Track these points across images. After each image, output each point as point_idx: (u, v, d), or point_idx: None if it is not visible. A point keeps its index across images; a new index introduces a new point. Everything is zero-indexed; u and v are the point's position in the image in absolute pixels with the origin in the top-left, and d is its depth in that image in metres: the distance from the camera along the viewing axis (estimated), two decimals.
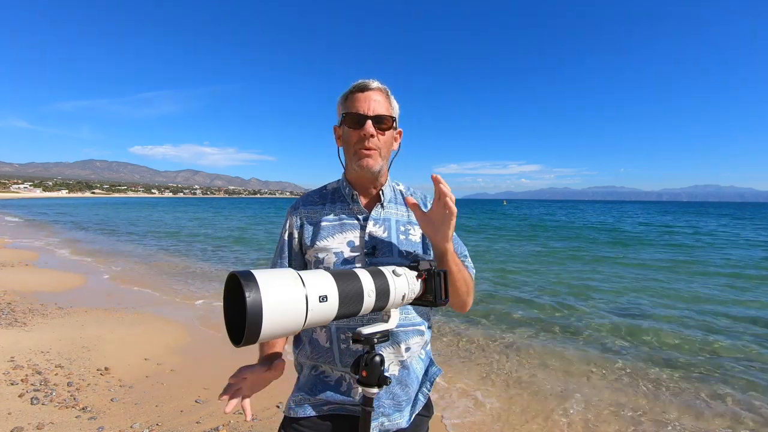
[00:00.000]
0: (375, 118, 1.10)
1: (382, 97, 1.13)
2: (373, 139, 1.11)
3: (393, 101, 1.17)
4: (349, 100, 1.14)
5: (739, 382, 3.90)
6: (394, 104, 1.17)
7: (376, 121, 1.11)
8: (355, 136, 1.12)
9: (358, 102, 1.11)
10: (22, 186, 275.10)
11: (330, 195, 1.24)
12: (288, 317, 0.69)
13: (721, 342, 4.96)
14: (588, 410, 3.33)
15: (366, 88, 1.13)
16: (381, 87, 1.14)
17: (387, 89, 1.16)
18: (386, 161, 1.18)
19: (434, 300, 0.96)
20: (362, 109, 1.10)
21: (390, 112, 1.15)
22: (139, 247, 13.76)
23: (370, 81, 1.14)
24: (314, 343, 1.15)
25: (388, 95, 1.16)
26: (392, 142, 1.19)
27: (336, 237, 1.14)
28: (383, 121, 1.12)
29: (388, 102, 1.15)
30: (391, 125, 1.15)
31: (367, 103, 1.11)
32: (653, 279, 9.20)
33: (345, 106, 1.14)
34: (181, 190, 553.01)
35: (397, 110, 1.18)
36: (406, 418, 1.14)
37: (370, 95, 1.12)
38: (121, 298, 6.41)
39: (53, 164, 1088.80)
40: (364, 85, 1.13)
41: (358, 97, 1.12)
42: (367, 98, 1.11)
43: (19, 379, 3.28)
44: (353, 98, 1.13)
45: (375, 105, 1.11)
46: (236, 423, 2.89)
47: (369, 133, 1.10)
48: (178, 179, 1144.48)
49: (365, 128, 1.09)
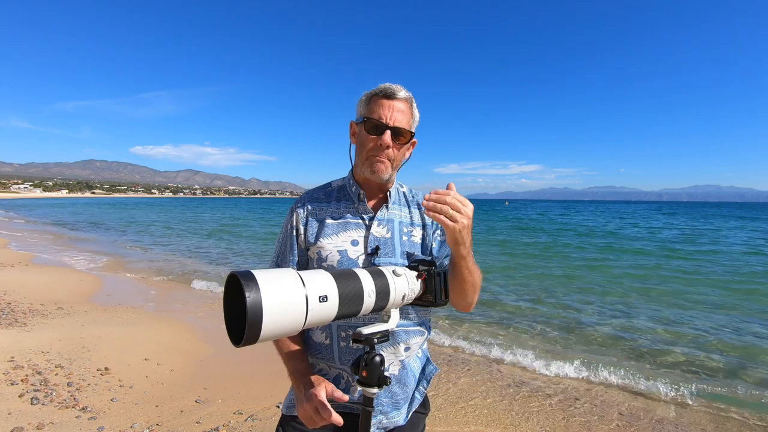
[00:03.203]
0: (395, 129, 1.09)
1: (406, 107, 1.11)
2: (389, 150, 1.10)
3: (415, 112, 1.15)
4: (373, 103, 1.11)
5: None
6: (415, 115, 1.15)
7: (395, 133, 1.09)
8: (372, 142, 1.10)
9: (382, 108, 1.09)
10: (22, 186, 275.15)
11: (335, 193, 1.23)
12: (288, 317, 0.69)
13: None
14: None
15: (393, 95, 1.09)
16: (407, 96, 1.12)
17: (412, 99, 1.14)
18: (396, 171, 1.18)
19: (434, 300, 0.96)
20: (384, 118, 1.08)
21: (410, 126, 1.13)
22: (139, 246, 13.79)
23: (397, 88, 1.10)
24: (313, 341, 1.16)
25: (411, 106, 1.14)
26: (406, 153, 1.18)
27: (340, 235, 1.14)
28: (402, 134, 1.10)
29: (410, 113, 1.13)
30: (409, 140, 1.13)
31: (391, 112, 1.08)
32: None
33: (368, 108, 1.12)
34: (181, 190, 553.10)
35: (417, 120, 1.17)
36: (404, 415, 1.16)
37: (395, 105, 1.09)
38: (121, 298, 6.42)
39: (53, 164, 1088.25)
40: (391, 92, 1.09)
41: (382, 103, 1.09)
42: (392, 107, 1.09)
43: (19, 379, 3.28)
44: (378, 103, 1.10)
45: (398, 116, 1.09)
46: (236, 423, 2.89)
47: (386, 144, 1.08)
48: (178, 179, 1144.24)
49: (383, 138, 1.08)
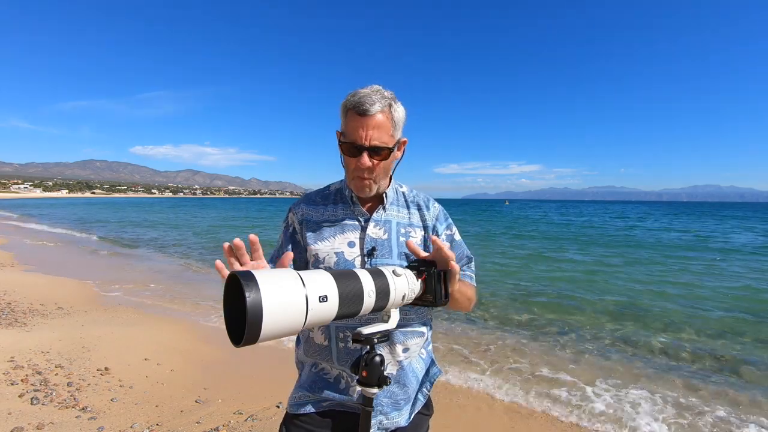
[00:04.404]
0: (372, 149, 1.05)
1: (383, 118, 1.05)
2: (368, 169, 1.08)
3: (396, 114, 1.08)
4: (348, 119, 1.06)
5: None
6: (397, 118, 1.09)
7: (373, 152, 1.06)
8: (352, 163, 1.09)
9: (356, 130, 1.04)
10: (22, 186, 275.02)
11: (333, 196, 1.23)
12: (288, 317, 0.69)
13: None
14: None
15: (365, 112, 1.02)
16: (382, 107, 1.04)
17: (390, 103, 1.07)
18: (385, 179, 1.16)
19: (434, 300, 0.96)
20: (359, 139, 1.04)
21: (391, 137, 1.07)
22: (140, 246, 13.80)
23: (370, 101, 1.02)
24: (312, 341, 1.16)
25: (390, 111, 1.06)
26: (391, 163, 1.14)
27: (336, 237, 1.15)
28: (380, 152, 1.06)
29: (389, 123, 1.06)
30: (389, 155, 1.09)
31: (365, 131, 1.03)
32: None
33: (344, 123, 1.08)
34: (181, 190, 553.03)
35: (401, 121, 1.11)
36: (405, 417, 1.15)
37: (370, 122, 1.03)
38: (121, 298, 6.41)
39: (53, 164, 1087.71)
40: (364, 109, 1.02)
41: (357, 122, 1.04)
42: (366, 126, 1.03)
43: (19, 379, 3.28)
44: (352, 121, 1.05)
45: (373, 133, 1.04)
46: (236, 423, 2.89)
47: (365, 165, 1.06)
48: (178, 179, 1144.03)
49: (361, 160, 1.06)
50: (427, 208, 1.25)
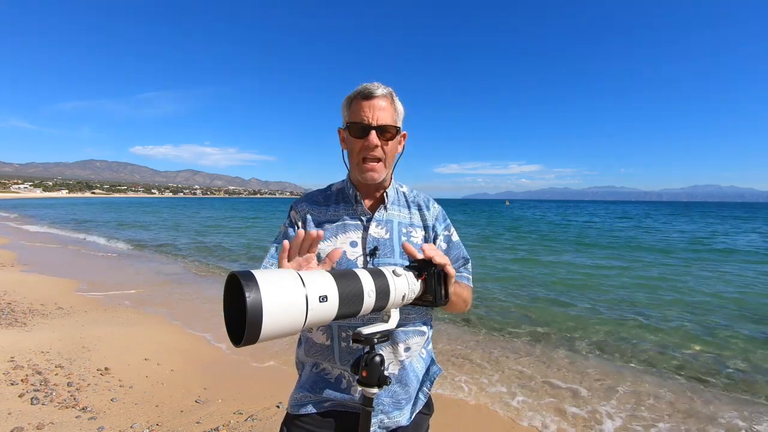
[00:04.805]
0: (379, 128, 1.09)
1: (387, 103, 1.11)
2: (377, 149, 1.11)
3: (398, 105, 1.15)
4: (353, 107, 1.12)
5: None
6: (399, 108, 1.16)
7: (381, 131, 1.10)
8: (359, 145, 1.11)
9: (362, 111, 1.10)
10: (22, 186, 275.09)
11: (334, 196, 1.24)
12: (288, 317, 0.69)
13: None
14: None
15: (371, 95, 1.09)
16: (386, 93, 1.11)
17: (392, 93, 1.14)
18: (390, 168, 1.18)
19: (434, 300, 0.96)
20: (366, 119, 1.09)
21: (394, 121, 1.13)
22: (141, 246, 13.81)
23: (374, 86, 1.10)
24: (314, 342, 1.16)
25: (392, 100, 1.14)
26: (396, 147, 1.18)
27: (338, 237, 1.15)
28: (387, 130, 1.11)
29: (392, 108, 1.13)
30: (395, 134, 1.13)
31: (372, 112, 1.09)
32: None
33: (349, 112, 1.13)
34: (181, 190, 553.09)
35: (402, 113, 1.17)
36: (407, 416, 1.16)
37: (375, 103, 1.09)
38: (121, 298, 6.41)
39: (53, 164, 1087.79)
40: (369, 92, 1.10)
41: (362, 104, 1.10)
42: (372, 107, 1.09)
43: (19, 379, 3.28)
44: (358, 105, 1.11)
45: (380, 114, 1.09)
46: (236, 423, 2.89)
47: (373, 144, 1.09)
48: (178, 179, 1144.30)
49: (369, 139, 1.09)
50: (427, 208, 1.26)
